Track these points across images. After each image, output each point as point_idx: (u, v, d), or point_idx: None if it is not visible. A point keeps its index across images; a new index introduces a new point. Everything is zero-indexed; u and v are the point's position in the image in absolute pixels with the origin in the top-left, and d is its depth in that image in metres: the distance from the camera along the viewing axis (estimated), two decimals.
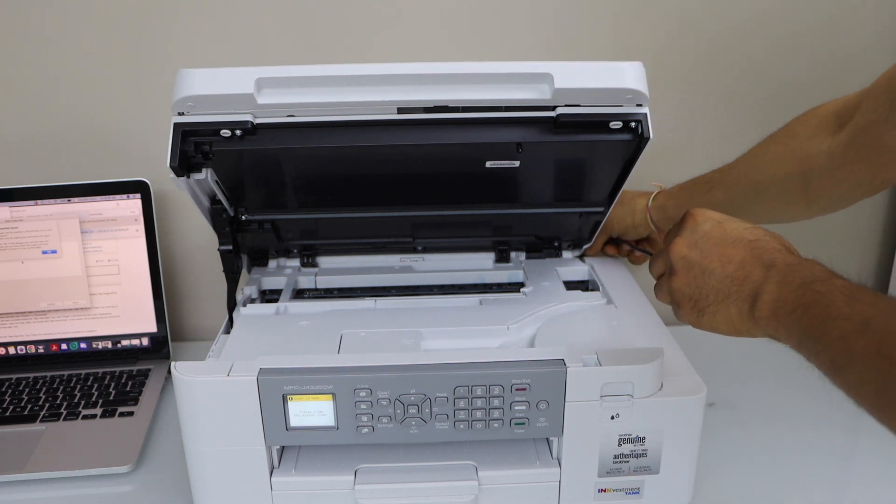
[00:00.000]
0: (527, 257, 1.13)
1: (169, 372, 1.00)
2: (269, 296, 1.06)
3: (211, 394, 0.74)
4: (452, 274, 1.08)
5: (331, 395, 0.74)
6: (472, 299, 0.99)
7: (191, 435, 0.77)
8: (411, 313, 0.95)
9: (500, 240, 1.11)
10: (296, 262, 1.12)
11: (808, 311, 0.59)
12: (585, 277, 1.09)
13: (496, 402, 0.75)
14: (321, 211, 1.00)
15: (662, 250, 0.75)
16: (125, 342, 1.13)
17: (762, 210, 0.91)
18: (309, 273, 1.09)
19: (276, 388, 0.74)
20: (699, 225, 0.71)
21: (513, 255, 1.13)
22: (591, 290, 1.04)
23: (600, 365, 0.75)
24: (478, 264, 1.11)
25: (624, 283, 1.03)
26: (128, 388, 1.06)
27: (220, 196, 0.93)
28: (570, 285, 1.04)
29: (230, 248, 0.95)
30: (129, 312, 1.12)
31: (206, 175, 0.86)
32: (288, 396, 0.74)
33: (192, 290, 1.26)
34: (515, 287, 1.05)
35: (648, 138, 0.81)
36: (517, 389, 0.74)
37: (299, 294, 1.07)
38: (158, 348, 1.14)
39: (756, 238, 0.68)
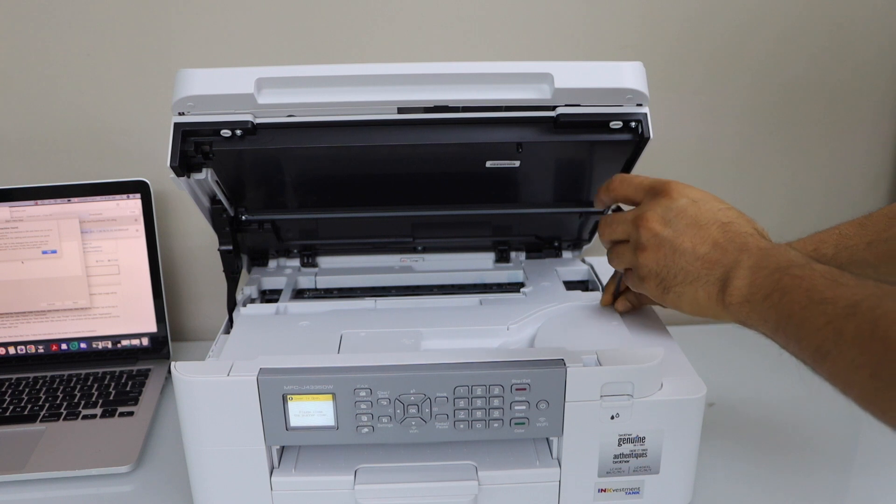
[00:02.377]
0: (527, 257, 1.13)
1: (169, 372, 1.00)
2: (269, 296, 1.06)
3: (211, 394, 0.74)
4: (452, 274, 1.08)
5: (331, 395, 0.74)
6: (472, 299, 0.99)
7: (191, 435, 0.77)
8: (411, 313, 0.94)
9: (500, 240, 1.11)
10: (296, 262, 1.11)
11: (786, 295, 0.57)
12: (585, 277, 1.09)
13: (496, 402, 0.75)
14: (321, 211, 1.00)
15: (624, 216, 0.72)
16: (125, 342, 1.13)
17: None
18: (309, 273, 1.09)
19: (276, 388, 0.74)
20: (674, 201, 0.69)
21: (513, 255, 1.13)
22: (591, 290, 1.03)
23: (600, 365, 0.75)
24: (478, 264, 1.11)
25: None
26: (128, 388, 1.05)
27: (221, 196, 0.93)
28: (570, 285, 1.03)
29: (230, 248, 0.95)
30: (129, 312, 1.12)
31: (206, 175, 0.86)
32: (288, 396, 0.74)
33: (192, 290, 1.26)
34: (515, 287, 1.05)
35: (648, 138, 0.81)
36: (517, 389, 0.74)
37: (299, 294, 1.06)
38: (158, 348, 1.13)
39: (730, 220, 0.66)
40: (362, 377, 0.74)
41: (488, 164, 0.88)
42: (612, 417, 0.76)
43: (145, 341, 1.13)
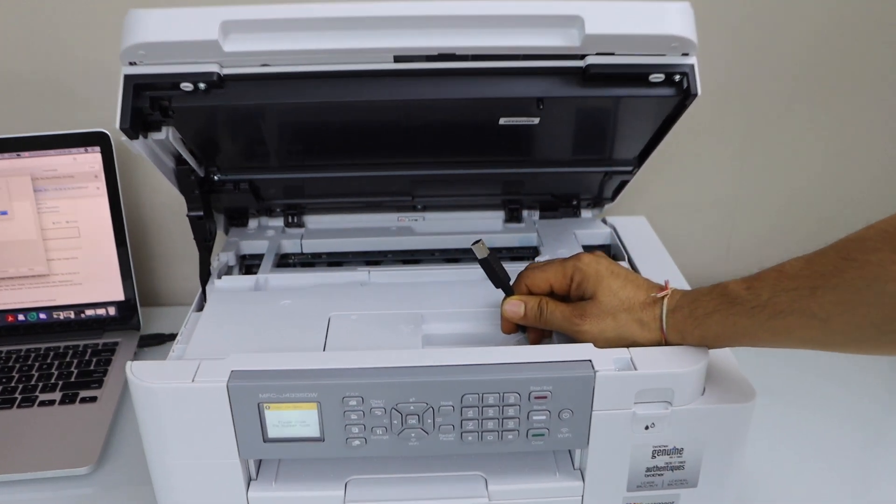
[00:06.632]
0: (540, 217, 1.03)
1: (139, 346, 0.91)
2: (249, 261, 0.96)
3: (174, 402, 0.64)
4: (456, 237, 0.98)
5: (315, 404, 0.64)
6: (479, 269, 0.88)
7: (153, 446, 0.67)
8: (410, 289, 0.85)
9: (511, 198, 1.00)
10: (279, 222, 1.02)
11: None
12: (607, 241, 0.99)
13: (511, 412, 0.65)
14: (305, 170, 0.90)
15: None
16: (89, 312, 1.05)
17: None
18: (294, 235, 0.99)
19: (250, 396, 0.64)
20: None
21: (525, 214, 1.03)
22: (616, 256, 0.94)
23: (635, 369, 0.64)
24: (485, 225, 1.01)
25: (652, 249, 0.94)
26: (91, 367, 0.97)
27: (186, 156, 0.82)
28: (590, 250, 0.92)
29: (201, 213, 0.85)
30: (92, 279, 1.05)
31: (166, 134, 0.77)
32: (265, 405, 0.64)
33: (163, 250, 1.19)
34: (529, 253, 0.95)
35: (696, 94, 0.72)
36: (536, 398, 0.64)
37: (283, 260, 0.97)
38: (127, 317, 1.05)
39: None
40: (352, 383, 0.64)
41: (502, 121, 0.79)
42: (647, 427, 0.66)
43: (112, 310, 1.05)
